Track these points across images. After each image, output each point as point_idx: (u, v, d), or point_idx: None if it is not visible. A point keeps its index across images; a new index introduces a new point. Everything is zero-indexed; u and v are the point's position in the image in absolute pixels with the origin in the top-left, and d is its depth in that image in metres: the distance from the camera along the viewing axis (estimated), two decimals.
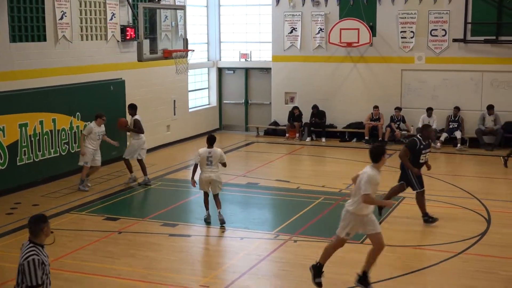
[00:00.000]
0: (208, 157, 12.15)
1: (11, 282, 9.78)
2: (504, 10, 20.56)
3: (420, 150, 12.47)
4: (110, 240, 11.93)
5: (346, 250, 10.19)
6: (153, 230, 12.52)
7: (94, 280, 10.02)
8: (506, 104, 20.68)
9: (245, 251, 11.45)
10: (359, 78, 22.43)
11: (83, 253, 11.19)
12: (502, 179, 16.82)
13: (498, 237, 11.99)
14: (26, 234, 11.95)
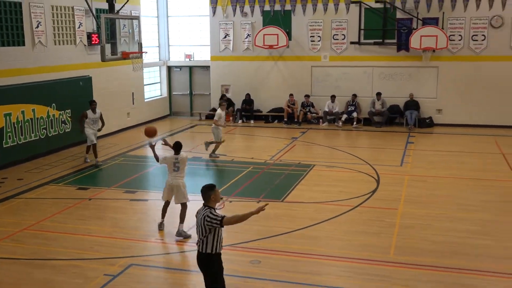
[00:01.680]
0: (175, 163, 9.92)
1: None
2: (388, 19, 20.98)
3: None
4: (82, 205, 11.72)
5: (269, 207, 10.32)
6: (117, 196, 12.37)
7: (69, 238, 9.86)
8: (390, 92, 21.22)
9: (192, 211, 11.39)
10: (278, 73, 22.55)
11: (60, 216, 10.98)
12: (388, 149, 17.27)
13: (385, 193, 12.36)
14: (13, 203, 11.64)
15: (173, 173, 9.97)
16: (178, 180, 9.95)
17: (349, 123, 21.22)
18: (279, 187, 12.90)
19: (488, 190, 12.56)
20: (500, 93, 20.17)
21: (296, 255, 9.00)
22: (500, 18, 19.90)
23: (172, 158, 9.99)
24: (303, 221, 10.45)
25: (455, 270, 8.37)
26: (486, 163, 15.21)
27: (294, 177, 13.64)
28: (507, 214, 10.92)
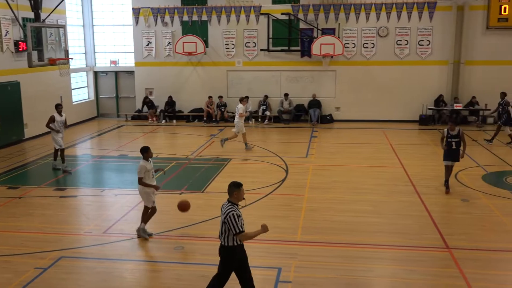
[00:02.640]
0: (151, 171, 9.06)
1: None
2: (292, 29, 21.32)
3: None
4: (12, 204, 11.00)
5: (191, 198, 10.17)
6: (47, 194, 11.71)
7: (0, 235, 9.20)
8: (296, 92, 21.60)
9: (119, 204, 11.08)
10: (197, 77, 22.31)
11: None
12: (295, 143, 17.56)
13: (292, 181, 12.55)
14: None
15: (152, 179, 9.09)
16: (139, 186, 9.04)
17: (261, 121, 21.37)
18: (199, 180, 12.76)
19: (379, 175, 13.08)
20: (387, 93, 21.10)
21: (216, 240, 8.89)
22: (386, 28, 20.79)
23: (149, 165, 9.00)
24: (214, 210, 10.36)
25: (353, 245, 8.64)
26: (377, 152, 15.84)
27: (213, 170, 13.54)
28: (395, 195, 11.42)
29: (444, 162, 11.69)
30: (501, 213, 10.14)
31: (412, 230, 9.34)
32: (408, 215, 10.10)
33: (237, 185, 6.34)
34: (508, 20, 19.79)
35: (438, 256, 8.25)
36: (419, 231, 9.27)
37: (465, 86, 20.66)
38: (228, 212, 6.19)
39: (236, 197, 6.30)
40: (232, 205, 6.28)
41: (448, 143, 11.42)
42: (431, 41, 20.63)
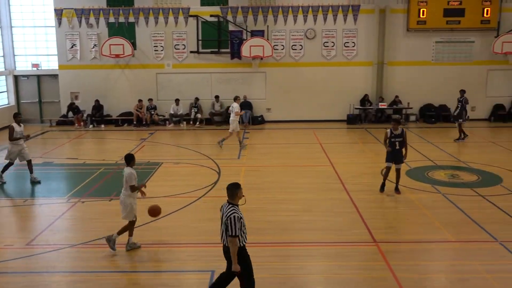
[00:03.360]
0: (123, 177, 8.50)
1: None
2: (222, 31, 21.33)
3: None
4: None
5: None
6: None
7: None
8: (227, 94, 21.55)
9: (44, 214, 10.58)
10: (126, 80, 21.79)
11: None
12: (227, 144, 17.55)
13: (225, 183, 12.13)
14: None
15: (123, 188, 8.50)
16: (122, 196, 8.48)
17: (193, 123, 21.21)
18: None
19: (310, 174, 13.36)
20: (316, 93, 21.61)
21: (148, 246, 8.74)
22: (313, 30, 21.30)
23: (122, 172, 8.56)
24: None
25: (286, 244, 8.77)
26: (308, 152, 16.17)
27: (144, 175, 13.25)
28: (325, 193, 11.70)
29: (386, 164, 11.40)
30: (423, 206, 10.67)
31: (342, 226, 9.61)
32: (338, 212, 10.39)
33: (238, 185, 6.38)
34: (426, 22, 20.89)
35: (366, 250, 8.54)
36: (349, 227, 9.55)
37: (389, 85, 21.58)
38: (230, 213, 6.19)
39: (238, 197, 6.32)
40: (233, 206, 6.27)
41: (392, 144, 11.14)
42: (356, 43, 21.37)
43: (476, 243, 8.73)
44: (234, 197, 6.34)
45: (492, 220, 9.72)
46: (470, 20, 20.81)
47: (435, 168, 13.71)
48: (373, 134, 18.87)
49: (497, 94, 21.63)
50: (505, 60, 21.08)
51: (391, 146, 11.18)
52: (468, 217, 9.92)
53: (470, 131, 19.37)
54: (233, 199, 6.35)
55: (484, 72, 21.48)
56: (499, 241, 8.71)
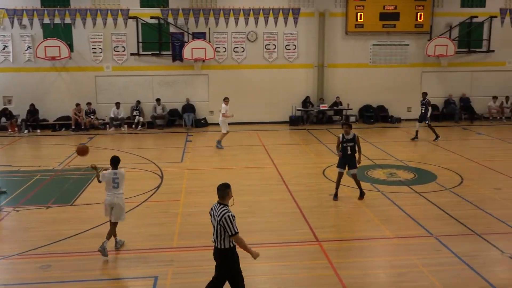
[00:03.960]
0: (114, 179, 8.39)
1: None
2: (163, 33, 21.05)
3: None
4: None
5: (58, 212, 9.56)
6: None
7: None
8: (169, 97, 21.40)
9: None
10: (63, 83, 21.06)
11: None
12: (170, 148, 17.38)
13: (168, 187, 12.38)
14: None
15: (112, 190, 8.39)
16: (119, 197, 8.42)
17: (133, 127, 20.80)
18: (68, 192, 12.02)
19: (253, 176, 13.41)
20: (259, 95, 21.75)
21: (87, 254, 8.47)
22: (255, 33, 21.44)
23: (110, 174, 8.40)
24: (93, 221, 9.89)
25: None
26: (251, 153, 16.24)
27: (83, 181, 12.85)
28: (269, 195, 11.79)
29: (338, 169, 11.16)
30: (364, 204, 10.96)
31: (286, 226, 9.71)
32: (281, 213, 10.48)
33: (228, 185, 6.26)
34: (363, 26, 21.53)
35: (309, 249, 8.67)
36: (292, 227, 9.67)
37: (329, 87, 22.06)
38: (223, 213, 6.08)
39: (229, 197, 6.22)
40: (225, 206, 6.16)
41: (344, 148, 10.89)
42: (297, 46, 21.70)
43: (413, 238, 9.06)
44: (225, 198, 6.23)
45: (428, 216, 10.13)
46: (405, 24, 21.64)
47: (374, 167, 14.13)
48: (315, 135, 19.22)
49: (431, 95, 22.49)
50: (437, 63, 22.09)
51: (342, 151, 10.94)
52: (405, 214, 10.28)
53: (407, 130, 20.15)
54: (224, 199, 6.23)
55: (418, 74, 22.39)
56: (434, 236, 9.08)
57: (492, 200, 11.18)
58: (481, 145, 17.30)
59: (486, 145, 17.26)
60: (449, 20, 22.04)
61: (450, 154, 15.85)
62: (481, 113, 22.61)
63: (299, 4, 21.46)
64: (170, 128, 21.02)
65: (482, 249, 8.57)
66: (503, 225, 9.63)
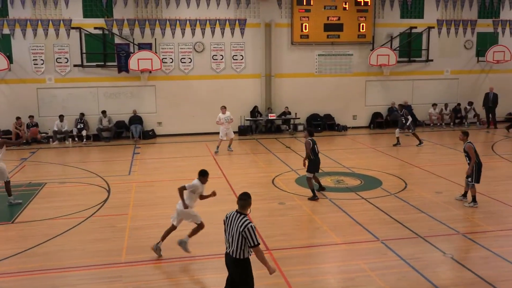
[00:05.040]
0: (197, 195, 8.86)
1: None
2: (108, 44, 20.69)
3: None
4: None
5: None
6: None
7: None
8: (115, 109, 21.02)
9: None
10: (2, 96, 20.27)
11: None
12: (117, 160, 17.04)
13: (115, 201, 12.14)
14: None
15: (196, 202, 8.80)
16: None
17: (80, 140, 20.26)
18: (8, 209, 11.55)
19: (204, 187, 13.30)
20: (207, 106, 21.68)
21: (30, 274, 8.16)
22: (202, 44, 21.45)
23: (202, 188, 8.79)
24: (36, 239, 9.55)
25: (180, 259, 8.66)
26: (200, 164, 15.97)
27: (24, 197, 12.38)
28: (218, 205, 11.72)
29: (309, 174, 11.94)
30: (312, 212, 11.15)
31: None
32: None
33: (249, 195, 6.28)
34: (309, 36, 21.99)
35: None
36: None
37: (277, 97, 22.34)
38: (246, 224, 6.04)
39: (249, 207, 6.23)
40: (245, 216, 6.14)
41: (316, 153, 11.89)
42: (244, 56, 21.88)
43: (360, 243, 9.30)
44: (246, 207, 6.24)
45: (374, 221, 10.43)
46: (348, 35, 22.29)
47: (322, 174, 14.39)
48: (264, 144, 19.38)
49: (375, 103, 23.34)
50: (380, 72, 22.85)
51: (316, 155, 11.85)
52: (353, 220, 10.54)
53: (354, 138, 20.70)
54: (244, 209, 6.23)
55: (362, 83, 23.08)
56: (381, 240, 9.36)
57: (434, 203, 11.65)
58: (423, 151, 17.99)
59: (427, 151, 17.97)
60: (390, 31, 22.89)
61: (394, 160, 16.40)
62: (423, 120, 23.55)
63: (245, 15, 21.68)
64: (117, 140, 20.62)
65: (425, 251, 8.90)
66: (444, 227, 10.06)
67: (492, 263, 8.39)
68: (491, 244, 9.12)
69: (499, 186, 13.07)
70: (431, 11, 23.25)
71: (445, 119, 23.35)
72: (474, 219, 10.53)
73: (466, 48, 23.82)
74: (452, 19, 23.48)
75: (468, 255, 8.71)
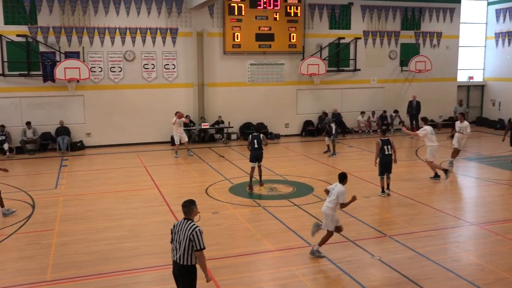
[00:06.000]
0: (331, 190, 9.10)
1: None
2: (32, 52, 19.81)
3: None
4: None
5: None
6: None
7: None
8: (41, 120, 20.12)
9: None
10: None
11: None
12: (42, 174, 16.29)
13: (40, 216, 11.60)
14: None
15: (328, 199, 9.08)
16: (325, 207, 9.07)
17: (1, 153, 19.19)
18: None
19: (134, 199, 13.04)
20: (139, 116, 21.32)
21: None
22: (132, 52, 21.05)
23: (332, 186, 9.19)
24: None
25: (111, 274, 8.39)
26: (132, 176, 15.80)
27: None
28: (151, 217, 11.54)
29: (252, 164, 13.76)
30: (246, 220, 11.19)
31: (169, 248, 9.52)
32: (164, 235, 10.24)
33: (193, 201, 6.37)
34: (241, 46, 22.17)
35: None
36: None
37: (210, 106, 22.31)
38: (193, 227, 6.12)
39: (195, 213, 6.31)
40: (193, 221, 6.22)
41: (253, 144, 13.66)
42: (176, 65, 21.69)
43: (293, 249, 9.42)
44: (191, 214, 6.30)
45: (306, 227, 10.57)
46: (280, 44, 22.69)
47: (256, 182, 14.49)
48: (197, 154, 19.25)
49: (306, 111, 23.87)
50: (310, 81, 23.42)
51: (253, 147, 13.71)
52: (286, 226, 10.67)
53: (286, 146, 21.03)
54: (190, 215, 6.29)
55: (294, 92, 23.54)
56: (312, 245, 9.51)
57: (363, 208, 12.04)
58: (352, 157, 18.58)
59: (356, 157, 18.57)
60: (319, 41, 23.54)
61: (325, 167, 16.81)
62: (351, 127, 24.34)
63: (177, 24, 21.52)
64: (43, 153, 19.72)
65: (355, 254, 9.16)
66: (372, 230, 10.41)
67: (417, 262, 8.77)
68: (416, 244, 9.54)
69: (422, 189, 13.73)
70: (358, 22, 24.18)
71: (372, 126, 24.27)
72: (400, 222, 10.99)
73: (390, 58, 24.95)
74: (377, 30, 24.53)
75: (395, 256, 9.05)
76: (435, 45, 25.63)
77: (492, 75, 26.89)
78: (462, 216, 11.59)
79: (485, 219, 11.24)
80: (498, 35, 26.27)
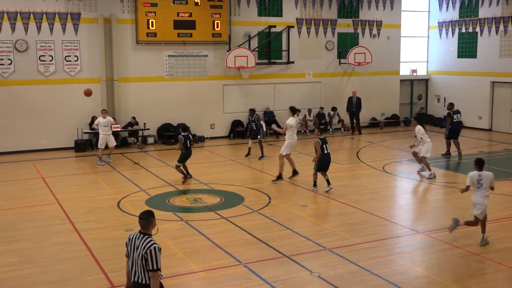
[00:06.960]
0: (479, 180, 10.18)
1: None
2: None
3: None
4: None
5: None
6: None
7: None
8: None
9: None
10: None
11: None
12: None
13: None
14: None
15: (477, 190, 10.21)
16: (480, 197, 10.21)
17: None
18: None
19: (30, 217, 12.47)
20: (35, 117, 20.47)
21: None
22: (25, 42, 20.19)
23: (475, 175, 10.22)
24: None
25: None
26: (26, 189, 15.12)
27: None
28: (50, 238, 11.07)
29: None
30: (166, 237, 10.98)
31: (73, 275, 9.19)
32: (67, 258, 9.92)
33: (152, 213, 6.32)
34: (157, 34, 21.87)
35: None
36: (81, 274, 9.20)
37: (122, 105, 21.82)
38: (149, 245, 6.08)
39: (154, 226, 6.28)
40: (150, 236, 6.19)
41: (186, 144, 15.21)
42: (79, 57, 21.05)
43: (221, 269, 9.36)
44: (150, 227, 6.25)
45: (236, 242, 10.60)
46: (202, 33, 22.61)
47: (177, 193, 14.34)
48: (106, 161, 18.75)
49: (234, 110, 23.95)
50: (238, 75, 23.52)
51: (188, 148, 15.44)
52: (212, 243, 10.61)
53: (212, 150, 21.00)
54: (148, 229, 6.24)
55: (220, 88, 23.56)
56: (243, 263, 9.53)
57: (299, 218, 12.21)
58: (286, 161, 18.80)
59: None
60: (247, 29, 23.73)
61: (256, 173, 16.92)
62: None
63: (79, 8, 20.89)
64: None
65: (291, 271, 9.25)
66: (310, 243, 10.57)
67: (360, 277, 8.99)
68: (358, 257, 9.79)
69: (364, 196, 14.15)
70: (290, 9, 24.61)
71: (309, 126, 24.73)
72: (341, 232, 11.24)
73: (327, 49, 25.59)
74: (312, 18, 25.09)
75: (335, 271, 9.23)
76: (375, 35, 26.59)
77: (436, 68, 28.27)
78: (407, 224, 12.05)
79: (431, 226, 11.75)
80: (442, 24, 27.65)
